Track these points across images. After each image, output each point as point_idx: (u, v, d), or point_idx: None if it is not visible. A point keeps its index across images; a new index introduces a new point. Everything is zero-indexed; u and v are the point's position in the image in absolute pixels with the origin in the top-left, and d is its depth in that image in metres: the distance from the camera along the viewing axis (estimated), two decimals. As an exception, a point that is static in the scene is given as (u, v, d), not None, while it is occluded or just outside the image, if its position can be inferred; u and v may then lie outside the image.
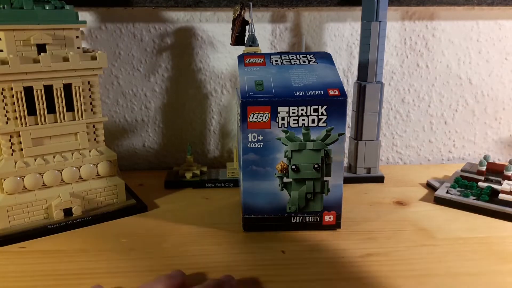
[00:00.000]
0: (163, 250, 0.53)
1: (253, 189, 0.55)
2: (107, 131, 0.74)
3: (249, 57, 0.59)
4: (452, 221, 0.60)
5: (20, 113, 0.56)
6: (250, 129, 0.53)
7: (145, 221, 0.61)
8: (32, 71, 0.55)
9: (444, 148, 0.87)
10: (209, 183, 0.73)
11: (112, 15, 0.76)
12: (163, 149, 0.84)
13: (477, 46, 0.81)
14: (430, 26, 0.80)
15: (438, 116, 0.85)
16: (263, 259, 0.51)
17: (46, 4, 0.55)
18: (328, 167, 0.55)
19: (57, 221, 0.58)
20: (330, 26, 0.79)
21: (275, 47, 0.79)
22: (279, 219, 0.57)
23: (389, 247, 0.54)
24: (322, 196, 0.56)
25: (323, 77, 0.56)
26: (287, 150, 0.54)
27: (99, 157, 0.62)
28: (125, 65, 0.78)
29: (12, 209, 0.56)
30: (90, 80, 0.60)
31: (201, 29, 0.77)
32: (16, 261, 0.51)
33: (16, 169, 0.56)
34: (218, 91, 0.81)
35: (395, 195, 0.69)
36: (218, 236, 0.57)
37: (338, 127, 0.54)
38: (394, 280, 0.47)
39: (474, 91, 0.84)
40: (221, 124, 0.83)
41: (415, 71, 0.82)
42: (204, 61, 0.79)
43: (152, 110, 0.81)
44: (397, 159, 0.88)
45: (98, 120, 0.62)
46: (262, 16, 0.77)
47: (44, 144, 0.58)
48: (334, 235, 0.57)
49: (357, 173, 0.75)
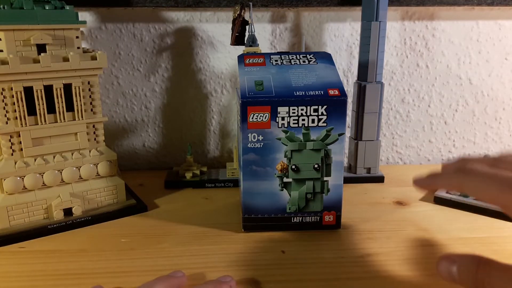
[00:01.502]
0: (163, 250, 0.53)
1: (253, 189, 0.55)
2: (107, 131, 0.74)
3: (249, 57, 0.59)
4: (452, 221, 0.60)
5: (20, 113, 0.56)
6: (250, 129, 0.53)
7: (145, 221, 0.61)
8: (32, 71, 0.55)
9: (444, 148, 0.87)
10: (209, 183, 0.73)
11: (112, 15, 0.76)
12: (163, 149, 0.84)
13: (477, 46, 0.81)
14: (430, 26, 0.80)
15: (438, 116, 0.85)
16: (263, 259, 0.51)
17: (46, 4, 0.55)
18: (328, 167, 0.55)
19: (57, 221, 0.58)
20: (330, 26, 0.79)
21: (275, 47, 0.79)
22: (279, 219, 0.57)
23: (389, 247, 0.54)
24: (322, 196, 0.56)
25: (323, 77, 0.56)
26: (287, 150, 0.54)
27: (99, 157, 0.62)
28: (125, 65, 0.78)
29: (12, 209, 0.56)
30: (90, 80, 0.60)
31: (201, 29, 0.77)
32: (16, 261, 0.51)
33: (16, 169, 0.56)
34: (218, 91, 0.81)
35: (395, 195, 0.69)
36: (218, 236, 0.57)
37: (338, 127, 0.54)
38: (394, 280, 0.47)
39: (474, 91, 0.84)
40: (221, 124, 0.83)
41: (415, 71, 0.82)
42: (204, 61, 0.79)
43: (152, 110, 0.81)
44: (397, 159, 0.88)
45: (98, 120, 0.62)
46: (262, 16, 0.77)
47: (44, 144, 0.58)
48: (334, 235, 0.57)
49: (357, 173, 0.75)
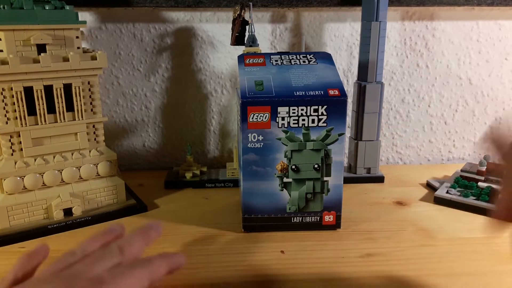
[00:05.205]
0: (163, 250, 0.53)
1: (253, 189, 0.55)
2: (107, 131, 0.74)
3: (249, 57, 0.59)
4: (452, 221, 0.60)
5: (20, 113, 0.56)
6: (250, 129, 0.53)
7: (145, 221, 0.61)
8: (32, 71, 0.55)
9: (444, 148, 0.87)
10: (209, 183, 0.73)
11: (112, 15, 0.76)
12: (163, 149, 0.84)
13: (477, 46, 0.81)
14: (430, 26, 0.80)
15: (438, 116, 0.85)
16: (263, 259, 0.51)
17: (46, 4, 0.55)
18: (328, 167, 0.55)
19: (57, 221, 0.58)
20: (330, 26, 0.79)
21: (275, 47, 0.79)
22: (279, 219, 0.57)
23: (389, 247, 0.54)
24: (322, 196, 0.56)
25: (323, 77, 0.56)
26: (287, 150, 0.54)
27: (99, 157, 0.62)
28: (125, 65, 0.78)
29: (12, 209, 0.56)
30: (90, 80, 0.60)
31: (201, 29, 0.77)
32: (16, 261, 0.51)
33: (16, 169, 0.56)
34: (218, 91, 0.81)
35: (395, 195, 0.69)
36: (218, 236, 0.57)
37: (338, 127, 0.54)
38: (394, 280, 0.47)
39: (474, 91, 0.84)
40: (221, 124, 0.83)
41: (415, 71, 0.82)
42: (204, 61, 0.79)
43: (152, 110, 0.81)
44: (397, 159, 0.88)
45: (98, 120, 0.62)
46: (262, 16, 0.77)
47: (44, 144, 0.58)
48: (334, 235, 0.57)
49: (357, 173, 0.75)
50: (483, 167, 0.69)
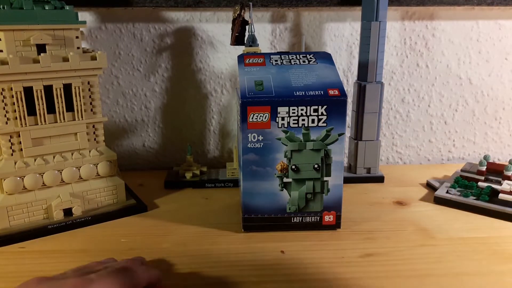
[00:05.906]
0: (163, 250, 0.53)
1: (253, 189, 0.55)
2: (107, 131, 0.74)
3: (249, 57, 0.59)
4: (452, 221, 0.60)
5: (20, 113, 0.56)
6: (250, 129, 0.53)
7: (145, 221, 0.61)
8: (32, 71, 0.55)
9: (444, 148, 0.87)
10: (209, 183, 0.73)
11: (112, 15, 0.76)
12: (163, 149, 0.84)
13: (477, 46, 0.81)
14: (430, 26, 0.80)
15: (438, 116, 0.85)
16: (263, 259, 0.51)
17: (46, 4, 0.55)
18: (328, 167, 0.55)
19: (57, 221, 0.58)
20: (330, 26, 0.79)
21: (275, 47, 0.79)
22: (279, 219, 0.57)
23: (389, 247, 0.54)
24: (322, 196, 0.56)
25: (323, 77, 0.56)
26: (287, 150, 0.54)
27: (99, 157, 0.62)
28: (125, 65, 0.78)
29: (12, 209, 0.56)
30: (90, 80, 0.60)
31: (201, 29, 0.77)
32: (16, 261, 0.51)
33: (16, 169, 0.56)
34: (218, 91, 0.81)
35: (395, 195, 0.69)
36: (218, 236, 0.57)
37: (338, 127, 0.54)
38: (394, 280, 0.47)
39: (474, 91, 0.84)
40: (221, 124, 0.83)
41: (415, 71, 0.82)
42: (204, 61, 0.79)
43: (152, 110, 0.81)
44: (397, 159, 0.88)
45: (98, 120, 0.62)
46: (262, 16, 0.77)
47: (44, 144, 0.58)
48: (334, 235, 0.57)
49: (357, 173, 0.75)
50: (483, 167, 0.69)
